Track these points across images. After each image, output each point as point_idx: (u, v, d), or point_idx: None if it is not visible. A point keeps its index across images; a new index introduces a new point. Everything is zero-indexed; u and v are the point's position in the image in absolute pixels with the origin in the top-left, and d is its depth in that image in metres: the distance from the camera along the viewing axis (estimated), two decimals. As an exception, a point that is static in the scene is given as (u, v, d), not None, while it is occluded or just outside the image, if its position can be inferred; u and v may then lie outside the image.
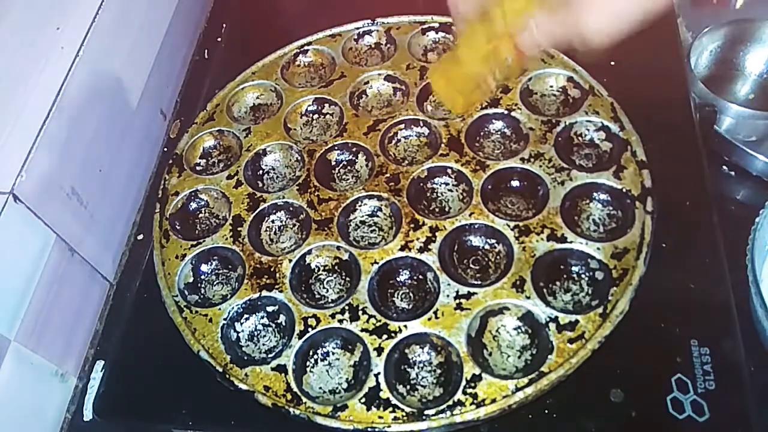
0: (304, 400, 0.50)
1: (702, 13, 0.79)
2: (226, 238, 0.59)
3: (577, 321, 0.50)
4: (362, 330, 0.52)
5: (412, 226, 0.57)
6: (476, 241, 0.57)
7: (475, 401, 0.48)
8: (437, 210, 0.60)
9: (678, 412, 0.49)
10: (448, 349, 0.51)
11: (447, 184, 0.61)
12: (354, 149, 0.64)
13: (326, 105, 0.68)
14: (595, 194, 0.58)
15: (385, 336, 0.51)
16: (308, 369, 0.52)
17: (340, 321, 0.53)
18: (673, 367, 0.50)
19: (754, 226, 0.58)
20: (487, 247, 0.57)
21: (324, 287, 0.57)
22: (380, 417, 0.48)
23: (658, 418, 0.49)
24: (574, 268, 0.54)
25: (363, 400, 0.49)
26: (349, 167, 0.64)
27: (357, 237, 0.59)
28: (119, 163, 0.68)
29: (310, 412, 0.49)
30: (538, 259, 0.54)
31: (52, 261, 0.58)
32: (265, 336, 0.55)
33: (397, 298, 0.56)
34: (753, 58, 0.77)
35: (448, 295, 0.53)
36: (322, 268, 0.58)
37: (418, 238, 0.56)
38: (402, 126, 0.64)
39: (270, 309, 0.56)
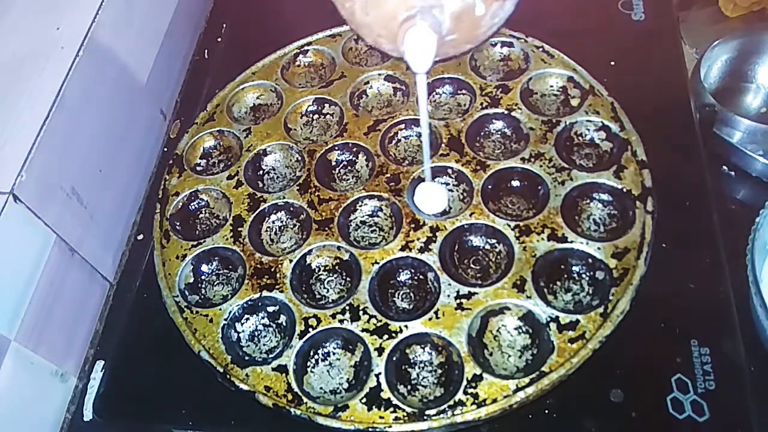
0: (305, 400, 0.50)
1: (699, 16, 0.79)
2: (227, 239, 0.59)
3: (577, 321, 0.50)
4: (363, 330, 0.52)
5: (412, 226, 0.57)
6: (477, 241, 0.57)
7: (476, 401, 0.48)
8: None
9: (678, 412, 0.49)
10: (449, 349, 0.51)
11: (447, 184, 0.61)
12: (354, 149, 0.64)
13: (326, 105, 0.67)
14: (595, 194, 0.58)
15: (385, 336, 0.51)
16: (309, 369, 0.52)
17: (341, 321, 0.53)
18: (673, 367, 0.50)
19: (754, 226, 0.58)
20: (487, 247, 0.57)
21: (324, 287, 0.57)
22: (381, 417, 0.48)
23: (658, 418, 0.49)
24: (575, 268, 0.54)
25: (364, 400, 0.49)
26: (349, 167, 0.64)
27: (357, 237, 0.59)
28: (119, 163, 0.68)
29: (311, 412, 0.49)
30: (538, 259, 0.54)
31: (52, 261, 0.57)
32: (265, 336, 0.55)
33: (398, 298, 0.56)
34: (766, 71, 0.75)
35: (448, 295, 0.53)
36: (322, 268, 0.58)
37: (418, 238, 0.56)
38: (402, 126, 0.64)
39: (271, 309, 0.56)
